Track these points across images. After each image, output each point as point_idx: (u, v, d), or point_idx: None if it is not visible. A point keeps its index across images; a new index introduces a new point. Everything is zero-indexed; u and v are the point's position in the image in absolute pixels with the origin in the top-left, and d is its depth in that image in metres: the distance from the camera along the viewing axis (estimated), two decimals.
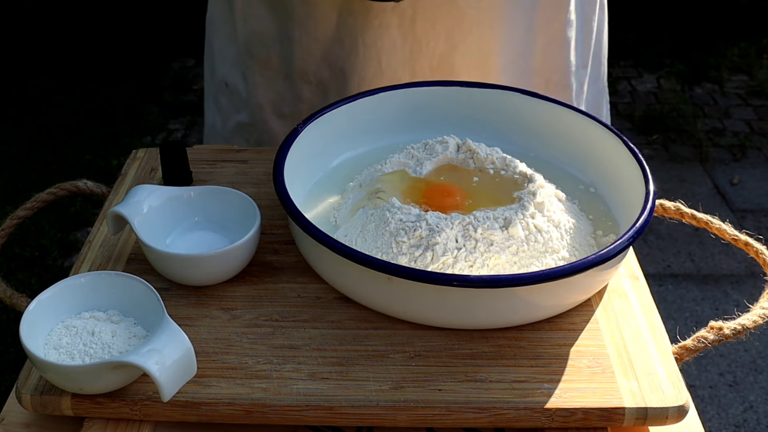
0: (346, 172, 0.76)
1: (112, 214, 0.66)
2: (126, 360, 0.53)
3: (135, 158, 0.82)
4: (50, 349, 0.57)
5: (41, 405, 0.57)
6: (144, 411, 0.57)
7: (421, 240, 0.63)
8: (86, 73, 3.29)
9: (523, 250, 0.64)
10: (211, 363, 0.59)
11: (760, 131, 2.93)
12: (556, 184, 0.73)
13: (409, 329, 0.62)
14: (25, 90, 3.16)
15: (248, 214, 0.67)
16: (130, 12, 3.48)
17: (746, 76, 3.25)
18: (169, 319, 0.55)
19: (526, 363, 0.59)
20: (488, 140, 0.77)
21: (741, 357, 2.05)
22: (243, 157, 0.82)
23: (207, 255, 0.63)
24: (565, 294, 0.62)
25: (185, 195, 0.70)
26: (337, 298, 0.65)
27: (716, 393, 1.95)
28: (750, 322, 0.62)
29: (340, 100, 0.76)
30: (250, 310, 0.64)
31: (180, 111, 3.10)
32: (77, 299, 0.60)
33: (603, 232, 0.69)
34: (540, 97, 0.78)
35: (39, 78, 3.24)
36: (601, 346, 0.61)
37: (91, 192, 0.78)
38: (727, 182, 2.62)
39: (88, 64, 3.34)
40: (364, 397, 0.56)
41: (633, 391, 0.57)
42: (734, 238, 0.68)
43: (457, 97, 0.79)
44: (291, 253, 0.69)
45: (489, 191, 0.72)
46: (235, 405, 0.56)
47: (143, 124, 3.01)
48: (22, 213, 0.73)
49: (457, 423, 0.56)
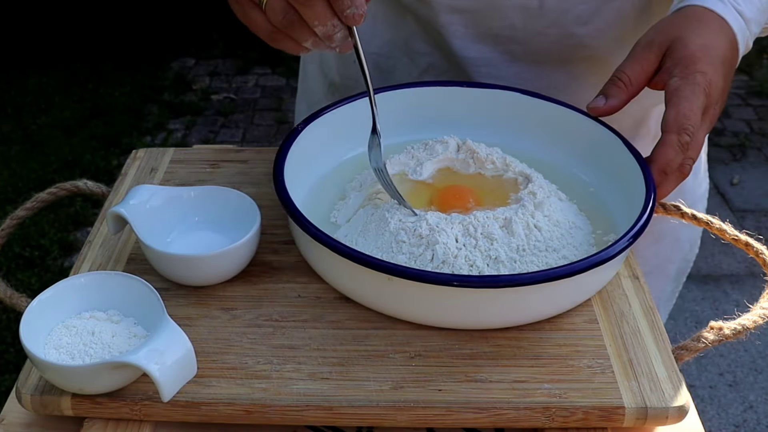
0: (346, 172, 0.76)
1: (112, 214, 0.66)
2: (126, 360, 0.53)
3: (135, 158, 0.82)
4: (50, 349, 0.57)
5: (41, 405, 0.57)
6: (144, 411, 0.57)
7: (421, 240, 0.63)
8: (86, 73, 3.29)
9: (523, 249, 0.64)
10: (211, 363, 0.59)
11: (759, 131, 2.94)
12: (556, 184, 0.73)
13: (409, 329, 0.62)
14: (25, 90, 3.16)
15: (248, 214, 0.67)
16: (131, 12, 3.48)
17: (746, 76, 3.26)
18: (169, 319, 0.55)
19: (526, 363, 0.59)
20: (488, 140, 0.77)
21: (741, 357, 2.05)
22: (243, 157, 0.82)
23: (207, 255, 0.63)
24: (565, 294, 0.61)
25: (185, 195, 0.70)
26: (337, 298, 0.65)
27: (716, 393, 1.96)
28: (750, 322, 0.62)
29: (340, 100, 0.76)
30: (250, 310, 0.64)
31: (180, 111, 3.10)
32: (77, 299, 0.60)
33: (603, 231, 0.69)
34: (540, 97, 0.78)
35: (39, 78, 3.24)
36: (601, 346, 0.61)
37: (91, 192, 0.78)
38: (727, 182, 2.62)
39: (88, 64, 3.35)
40: (364, 397, 0.56)
41: (633, 391, 0.57)
42: (734, 239, 0.68)
43: (457, 97, 0.79)
44: (291, 253, 0.69)
45: (489, 191, 0.72)
46: (235, 405, 0.56)
47: (143, 124, 3.01)
48: (22, 213, 0.73)
49: (457, 423, 0.56)
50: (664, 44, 0.70)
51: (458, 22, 0.82)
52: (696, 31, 0.70)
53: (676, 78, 0.68)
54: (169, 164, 0.81)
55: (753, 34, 0.74)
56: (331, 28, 0.59)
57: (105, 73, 3.30)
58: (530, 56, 0.84)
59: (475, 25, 0.82)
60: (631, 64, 0.71)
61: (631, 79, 0.70)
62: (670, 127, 0.66)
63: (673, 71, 0.68)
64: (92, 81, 3.24)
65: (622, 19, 0.81)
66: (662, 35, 0.71)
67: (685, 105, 0.66)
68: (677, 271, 1.03)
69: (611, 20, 0.81)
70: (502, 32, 0.82)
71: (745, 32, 0.73)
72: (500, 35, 0.82)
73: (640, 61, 0.70)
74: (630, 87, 0.70)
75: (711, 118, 0.69)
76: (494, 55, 0.84)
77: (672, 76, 0.68)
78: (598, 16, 0.80)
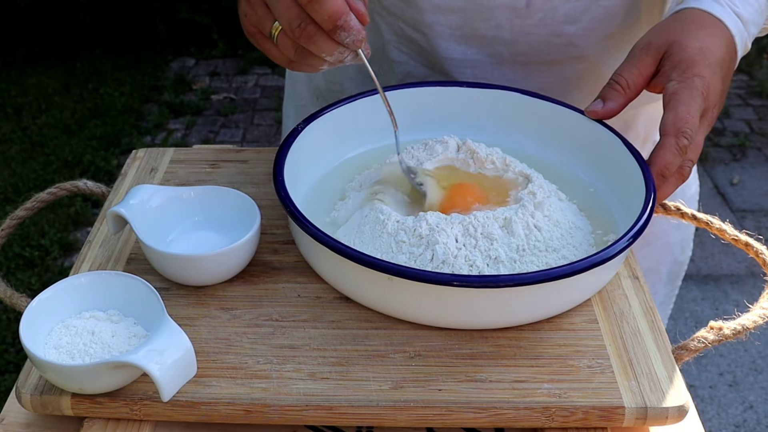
0: (346, 172, 0.76)
1: (112, 214, 0.66)
2: (126, 360, 0.53)
3: (135, 158, 0.82)
4: (50, 349, 0.57)
5: (41, 405, 0.57)
6: (144, 411, 0.57)
7: (421, 240, 0.63)
8: (86, 73, 3.29)
9: (523, 249, 0.64)
10: (211, 363, 0.59)
11: (760, 131, 2.94)
12: (556, 184, 0.73)
13: (409, 329, 0.62)
14: (25, 90, 3.16)
15: (248, 214, 0.67)
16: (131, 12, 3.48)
17: (746, 76, 3.26)
18: (169, 319, 0.55)
19: (526, 363, 0.59)
20: (488, 140, 0.77)
21: (741, 357, 2.05)
22: (243, 157, 0.82)
23: (207, 255, 0.63)
24: (565, 294, 0.62)
25: (185, 195, 0.70)
26: (337, 298, 0.65)
27: (716, 393, 1.96)
28: (750, 322, 0.62)
29: (340, 100, 0.76)
30: (250, 310, 0.64)
31: (180, 111, 3.10)
32: (77, 299, 0.60)
33: (603, 232, 0.69)
34: (540, 97, 0.78)
35: (39, 78, 3.24)
36: (601, 346, 0.61)
37: (91, 192, 0.78)
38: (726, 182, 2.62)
39: (88, 64, 3.35)
40: (364, 397, 0.56)
41: (633, 391, 0.57)
42: (734, 239, 0.68)
43: (457, 97, 0.79)
44: (291, 253, 0.69)
45: (489, 191, 0.72)
46: (235, 405, 0.56)
47: (143, 124, 3.02)
48: (22, 213, 0.73)
49: (457, 423, 0.56)
50: (662, 47, 0.70)
51: (444, 22, 0.82)
52: (694, 34, 0.70)
53: (674, 81, 0.68)
54: (169, 164, 0.81)
55: (751, 36, 0.74)
56: (338, 55, 0.63)
57: (105, 73, 3.30)
58: (516, 57, 0.84)
59: (461, 25, 0.82)
60: (629, 68, 0.71)
61: (629, 82, 0.70)
62: (668, 130, 0.66)
63: (671, 75, 0.69)
64: (92, 81, 3.24)
65: (610, 18, 0.81)
66: (660, 38, 0.71)
67: (683, 108, 0.66)
68: (669, 274, 1.03)
69: (599, 18, 0.81)
70: (488, 33, 0.82)
71: (744, 34, 0.73)
72: (486, 36, 0.82)
73: (637, 65, 0.71)
74: (628, 90, 0.71)
75: (709, 120, 0.69)
76: (479, 57, 0.84)
77: (670, 79, 0.68)
78: (586, 14, 0.80)
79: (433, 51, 0.84)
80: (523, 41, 0.82)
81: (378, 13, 0.86)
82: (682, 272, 1.05)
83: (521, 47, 0.82)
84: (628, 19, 0.82)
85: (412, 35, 0.84)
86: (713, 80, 0.68)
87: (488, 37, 0.82)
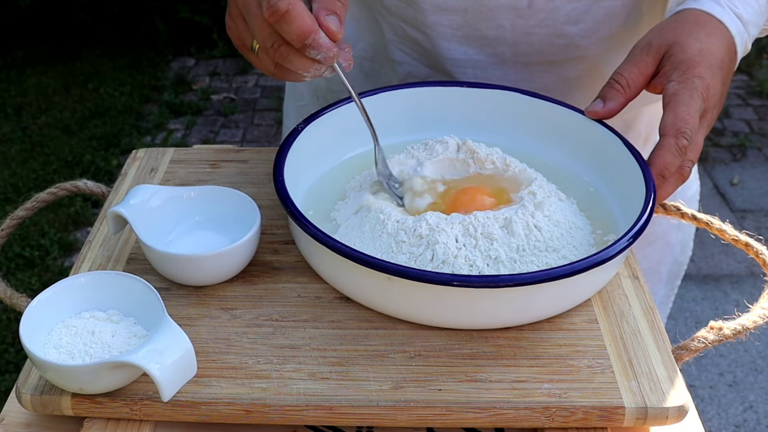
0: (346, 172, 0.76)
1: (112, 214, 0.66)
2: (126, 360, 0.53)
3: (135, 158, 0.82)
4: (50, 349, 0.57)
5: (41, 405, 0.57)
6: (144, 411, 0.57)
7: (421, 240, 0.63)
8: (86, 73, 3.29)
9: (523, 249, 0.64)
10: (211, 363, 0.59)
11: (759, 131, 2.94)
12: (556, 184, 0.73)
13: (409, 329, 0.62)
14: (25, 90, 3.16)
15: (248, 214, 0.67)
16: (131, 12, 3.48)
17: (746, 76, 3.26)
18: (169, 318, 0.55)
19: (526, 363, 0.59)
20: (488, 140, 0.77)
21: (741, 357, 2.05)
22: (243, 157, 0.82)
23: (207, 255, 0.63)
24: (565, 294, 0.62)
25: (185, 195, 0.70)
26: (337, 298, 0.65)
27: (716, 393, 1.96)
28: (750, 322, 0.62)
29: (340, 100, 0.76)
30: (250, 310, 0.64)
31: (180, 111, 3.10)
32: (77, 299, 0.60)
33: (603, 232, 0.69)
34: (540, 97, 0.78)
35: (39, 78, 3.24)
36: (601, 346, 0.61)
37: (91, 192, 0.78)
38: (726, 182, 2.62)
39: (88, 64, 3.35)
40: (364, 397, 0.56)
41: (633, 391, 0.57)
42: (734, 239, 0.68)
43: (457, 97, 0.79)
44: (291, 253, 0.69)
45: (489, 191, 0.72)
46: (235, 405, 0.56)
47: (143, 124, 3.01)
48: (22, 213, 0.73)
49: (457, 423, 0.56)
50: (662, 48, 0.70)
51: (446, 23, 0.82)
52: (694, 35, 0.70)
53: (674, 82, 0.68)
54: (169, 164, 0.81)
55: (751, 36, 0.75)
56: (315, 71, 0.64)
57: (105, 73, 3.30)
58: (517, 58, 0.84)
59: (463, 26, 0.82)
60: (629, 68, 0.71)
61: (629, 82, 0.71)
62: (668, 130, 0.66)
63: (671, 75, 0.69)
64: (92, 81, 3.24)
65: (612, 18, 0.81)
66: (660, 39, 0.71)
67: (683, 109, 0.66)
68: (669, 274, 1.03)
69: (601, 19, 0.81)
70: (489, 33, 0.82)
71: (744, 35, 0.73)
72: (488, 36, 0.82)
73: (637, 64, 0.71)
74: (628, 90, 0.71)
75: (709, 121, 0.70)
76: (481, 57, 0.84)
77: (670, 80, 0.69)
78: (587, 15, 0.80)
79: (435, 51, 0.84)
80: (524, 41, 0.82)
81: (379, 14, 0.86)
82: (681, 272, 1.06)
83: (523, 47, 0.82)
84: (630, 20, 0.82)
85: (413, 35, 0.84)
86: (713, 81, 0.68)
87: (490, 38, 0.82)
